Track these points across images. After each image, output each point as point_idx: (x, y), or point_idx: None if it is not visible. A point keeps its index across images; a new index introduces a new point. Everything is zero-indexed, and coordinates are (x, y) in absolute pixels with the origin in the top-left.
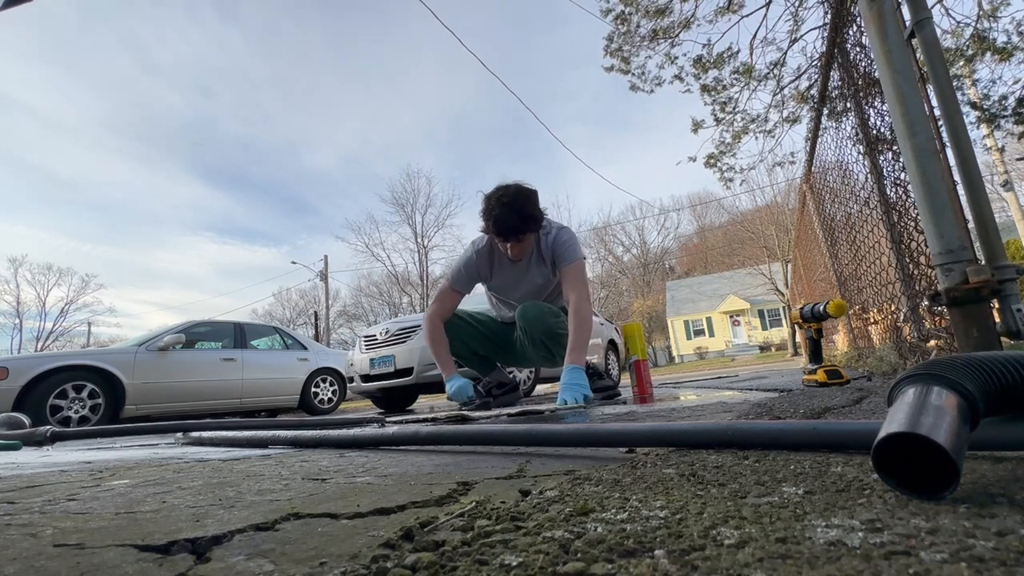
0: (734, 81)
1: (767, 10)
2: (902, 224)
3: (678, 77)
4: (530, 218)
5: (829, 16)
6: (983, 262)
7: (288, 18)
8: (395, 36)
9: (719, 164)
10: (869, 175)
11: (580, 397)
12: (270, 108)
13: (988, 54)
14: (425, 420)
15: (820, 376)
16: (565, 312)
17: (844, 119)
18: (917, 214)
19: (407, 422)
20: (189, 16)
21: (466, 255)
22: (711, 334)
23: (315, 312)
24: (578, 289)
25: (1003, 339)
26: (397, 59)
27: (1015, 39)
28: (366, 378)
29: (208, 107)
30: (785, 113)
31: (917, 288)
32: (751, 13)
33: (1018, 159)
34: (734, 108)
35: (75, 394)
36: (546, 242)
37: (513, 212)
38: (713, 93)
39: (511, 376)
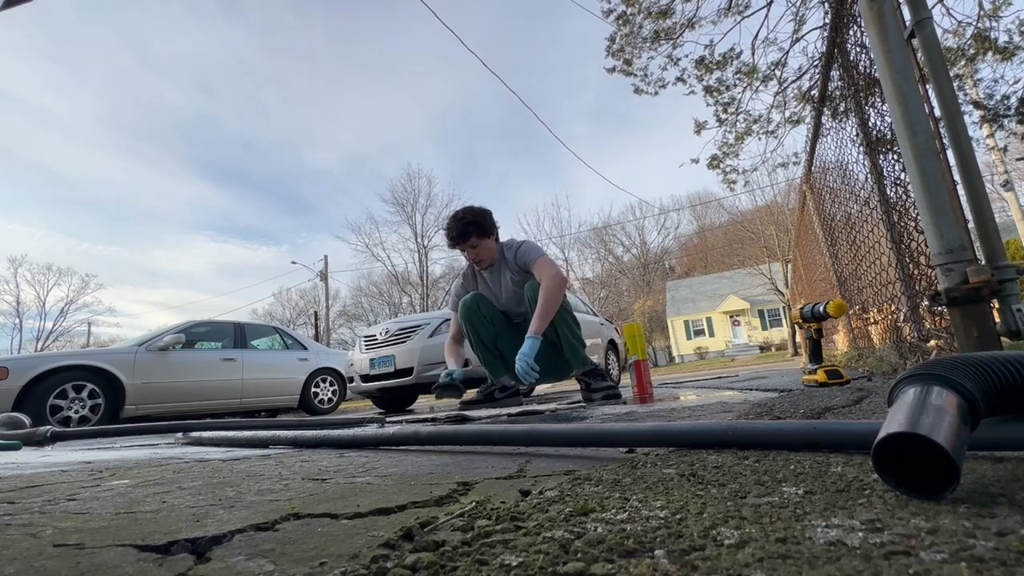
0: (736, 82)
1: (768, 10)
2: (902, 224)
3: (680, 79)
4: (470, 223)
5: (829, 16)
6: (983, 262)
7: (290, 14)
8: (397, 33)
9: (722, 166)
10: (869, 175)
11: (524, 366)
12: (271, 105)
13: (990, 53)
14: (425, 420)
15: (820, 376)
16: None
17: (844, 119)
18: (917, 214)
19: (407, 422)
20: (190, 11)
21: (456, 280)
22: (711, 334)
23: (315, 312)
24: (545, 271)
25: (1003, 339)
26: (399, 56)
27: (1016, 38)
28: (366, 378)
29: (208, 104)
30: (787, 113)
31: (917, 288)
32: (752, 13)
33: (1018, 159)
34: (736, 109)
35: (75, 394)
36: (512, 255)
37: (456, 220)
38: (716, 94)
39: (513, 384)
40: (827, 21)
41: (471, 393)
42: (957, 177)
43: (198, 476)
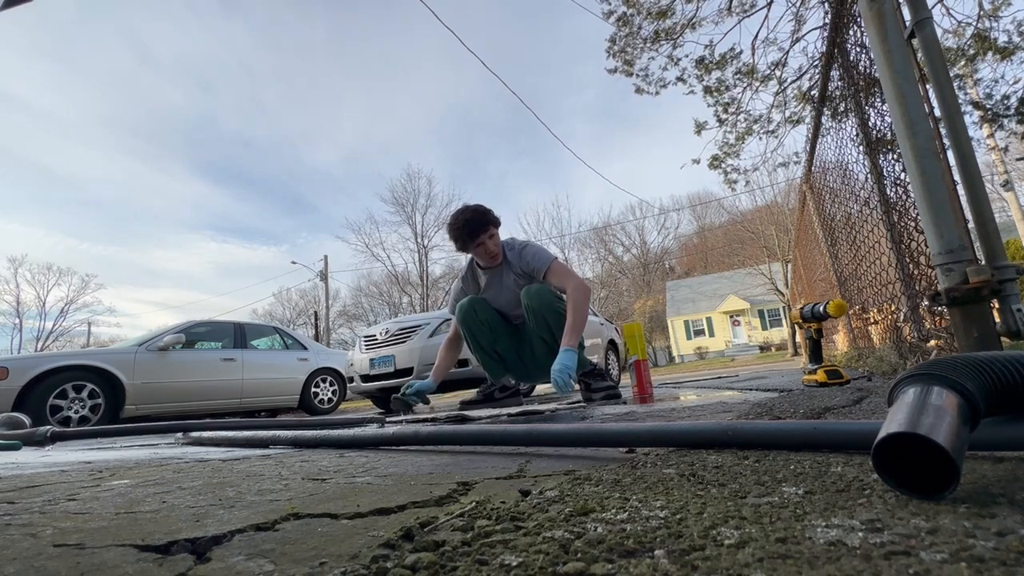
0: (737, 82)
1: (768, 10)
2: (902, 224)
3: (681, 79)
4: (483, 213)
5: (829, 16)
6: (983, 262)
7: (290, 13)
8: (397, 33)
9: (723, 166)
10: (869, 175)
11: (565, 378)
12: (271, 105)
13: (990, 53)
14: (425, 420)
15: (820, 376)
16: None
17: (844, 119)
18: (917, 214)
19: (407, 422)
20: (190, 10)
21: (455, 282)
22: (711, 334)
23: (315, 312)
24: (566, 280)
25: (1003, 339)
26: (399, 56)
27: (1016, 39)
28: (366, 378)
29: (208, 104)
30: (787, 113)
31: (917, 288)
32: (753, 12)
33: (1018, 159)
34: (737, 109)
35: (75, 394)
36: (515, 256)
37: (458, 220)
38: (716, 94)
39: (513, 384)
40: (827, 21)
41: (470, 394)
42: (957, 177)
43: (198, 476)
